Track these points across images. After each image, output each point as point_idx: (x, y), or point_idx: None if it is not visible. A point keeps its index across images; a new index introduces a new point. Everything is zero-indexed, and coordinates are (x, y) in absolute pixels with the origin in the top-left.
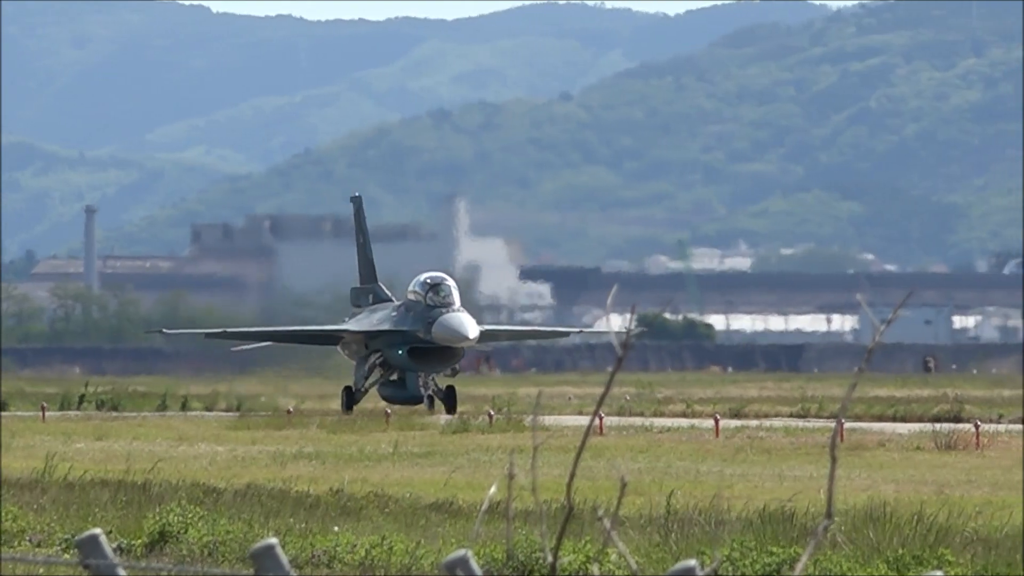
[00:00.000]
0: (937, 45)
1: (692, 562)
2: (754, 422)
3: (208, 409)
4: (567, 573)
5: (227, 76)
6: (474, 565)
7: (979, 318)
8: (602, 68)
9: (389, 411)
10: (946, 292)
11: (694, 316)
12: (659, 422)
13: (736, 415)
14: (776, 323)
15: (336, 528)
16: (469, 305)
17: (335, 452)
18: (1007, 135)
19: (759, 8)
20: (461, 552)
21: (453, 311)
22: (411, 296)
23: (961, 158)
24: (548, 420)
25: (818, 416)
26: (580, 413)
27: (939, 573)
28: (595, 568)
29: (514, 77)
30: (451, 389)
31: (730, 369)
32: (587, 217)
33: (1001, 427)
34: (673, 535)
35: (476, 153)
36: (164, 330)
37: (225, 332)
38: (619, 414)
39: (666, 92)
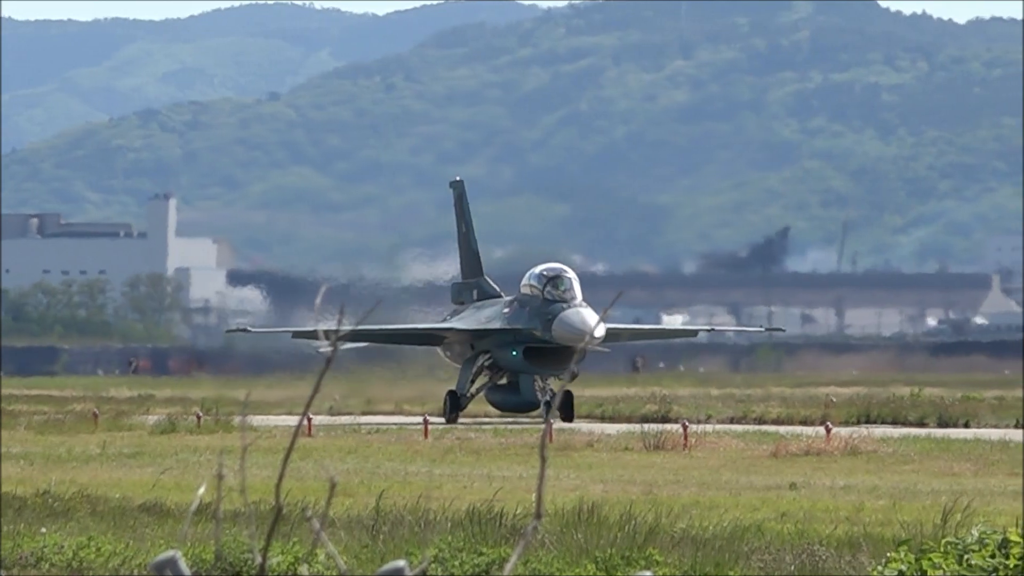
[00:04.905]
0: (646, 47)
1: (401, 562)
2: (464, 421)
3: None
4: (276, 574)
5: None
6: (183, 566)
7: (687, 317)
8: (310, 68)
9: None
10: (655, 292)
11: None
12: (368, 422)
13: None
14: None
15: (44, 529)
16: (180, 307)
17: (43, 453)
18: (715, 135)
19: (467, 8)
20: (170, 553)
21: (575, 306)
22: (525, 290)
23: (670, 159)
24: (257, 420)
25: (527, 416)
26: (289, 413)
27: (648, 573)
28: (304, 568)
29: (221, 76)
30: (568, 394)
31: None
32: (297, 219)
33: (709, 427)
34: (382, 536)
35: (183, 152)
36: (248, 328)
37: (317, 331)
38: (329, 414)
39: (374, 92)
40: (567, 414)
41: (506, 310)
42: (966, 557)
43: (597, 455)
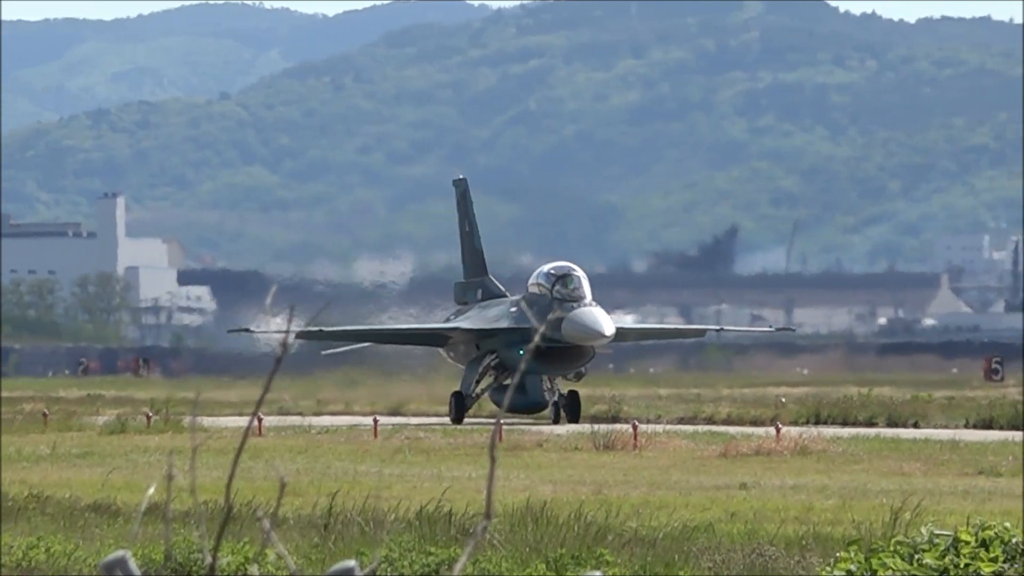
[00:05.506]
0: (596, 46)
1: (351, 562)
2: (414, 421)
3: None
4: (226, 574)
5: None
6: (132, 566)
7: (637, 316)
8: (260, 68)
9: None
10: (604, 292)
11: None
12: (318, 422)
13: (394, 414)
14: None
15: None
16: (129, 307)
17: None
18: (665, 135)
19: (417, 8)
20: (120, 553)
21: (585, 305)
22: (533, 289)
23: (619, 159)
24: (207, 421)
25: (475, 416)
26: (239, 414)
27: (598, 573)
28: (254, 568)
29: (172, 76)
30: (574, 394)
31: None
32: (247, 218)
33: (659, 427)
34: (332, 536)
35: (134, 152)
36: (250, 328)
37: (321, 331)
38: (279, 414)
39: (324, 92)
40: (574, 414)
41: (513, 309)
42: (916, 557)
43: (547, 455)
